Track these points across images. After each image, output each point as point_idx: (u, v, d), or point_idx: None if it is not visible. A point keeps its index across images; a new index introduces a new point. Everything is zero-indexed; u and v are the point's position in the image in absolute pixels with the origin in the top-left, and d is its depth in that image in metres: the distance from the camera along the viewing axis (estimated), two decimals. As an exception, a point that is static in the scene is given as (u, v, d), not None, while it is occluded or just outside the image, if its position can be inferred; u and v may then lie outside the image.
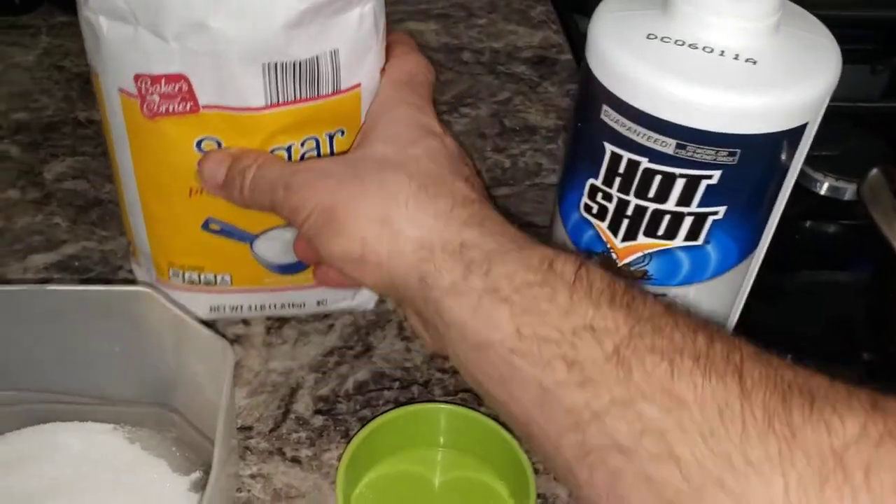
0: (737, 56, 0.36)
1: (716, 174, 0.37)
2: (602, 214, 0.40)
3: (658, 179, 0.37)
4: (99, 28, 0.38)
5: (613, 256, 0.41)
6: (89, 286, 0.42)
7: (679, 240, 0.39)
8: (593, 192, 0.40)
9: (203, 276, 0.46)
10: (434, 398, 0.47)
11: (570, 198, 0.42)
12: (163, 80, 0.38)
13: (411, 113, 0.40)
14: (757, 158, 0.37)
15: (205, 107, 0.39)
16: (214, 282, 0.46)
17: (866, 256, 0.59)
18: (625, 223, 0.40)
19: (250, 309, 0.49)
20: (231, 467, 0.41)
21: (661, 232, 0.39)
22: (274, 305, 0.49)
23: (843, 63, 0.37)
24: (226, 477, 0.38)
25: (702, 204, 0.38)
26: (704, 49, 0.36)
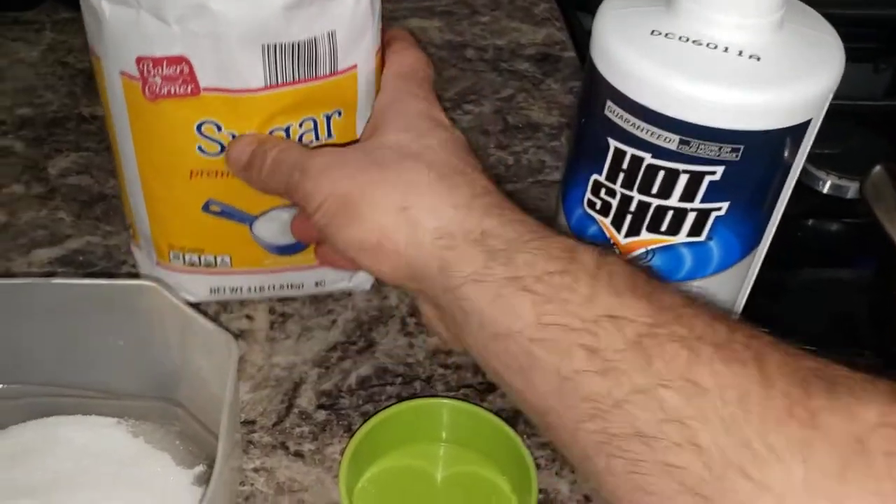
0: (741, 52, 0.36)
1: (719, 170, 0.37)
2: (605, 210, 0.40)
3: (661, 175, 0.38)
4: (101, 12, 0.38)
5: (616, 252, 0.41)
6: (94, 280, 0.42)
7: (682, 236, 0.39)
8: (597, 188, 0.40)
9: (203, 258, 0.46)
10: (436, 393, 0.47)
11: (574, 194, 0.42)
12: (164, 63, 0.39)
13: (421, 105, 0.40)
14: (760, 155, 0.37)
15: (205, 89, 0.40)
16: (214, 263, 0.47)
17: (869, 254, 0.59)
18: (628, 219, 0.40)
19: (250, 290, 0.49)
20: (234, 461, 0.41)
21: (664, 228, 0.39)
22: (273, 287, 0.49)
23: (846, 62, 0.37)
24: (229, 471, 0.38)
25: (705, 200, 0.38)
26: (708, 45, 0.36)
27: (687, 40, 0.36)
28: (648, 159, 0.37)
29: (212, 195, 0.44)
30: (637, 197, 0.39)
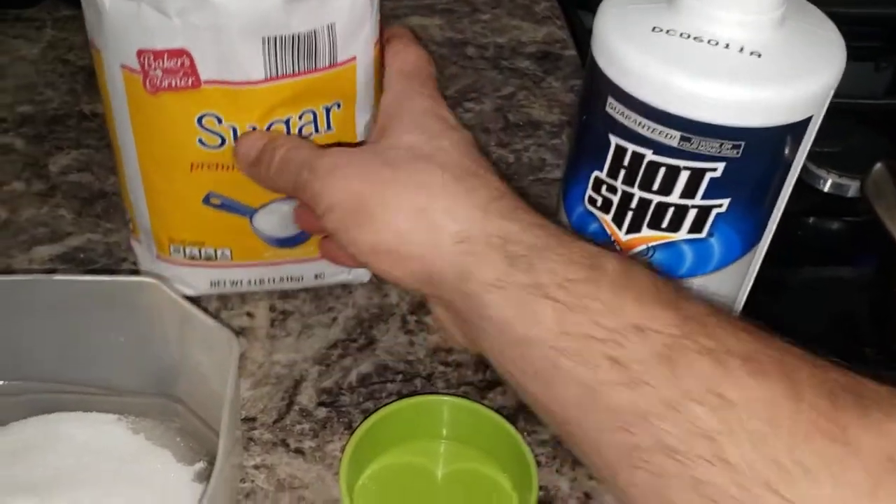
0: (742, 49, 0.36)
1: (720, 167, 0.37)
2: (606, 207, 0.40)
3: (662, 172, 0.38)
4: (101, 4, 0.38)
5: (618, 249, 0.41)
6: (94, 277, 0.42)
7: (683, 232, 0.39)
8: (598, 185, 0.40)
9: (203, 251, 0.46)
10: (437, 391, 0.47)
11: (575, 191, 0.42)
12: (165, 56, 0.39)
13: (427, 103, 0.40)
14: (761, 151, 0.37)
15: (206, 82, 0.40)
16: (215, 256, 0.47)
17: (869, 253, 0.59)
18: (629, 216, 0.40)
19: (250, 283, 0.49)
20: (235, 458, 0.41)
21: (665, 224, 0.39)
22: (273, 279, 0.49)
23: (847, 60, 0.37)
24: (230, 467, 0.38)
25: (706, 196, 0.38)
26: (709, 42, 0.36)
27: (688, 37, 0.36)
28: (649, 156, 0.37)
29: (212, 188, 0.44)
30: (638, 194, 0.39)
